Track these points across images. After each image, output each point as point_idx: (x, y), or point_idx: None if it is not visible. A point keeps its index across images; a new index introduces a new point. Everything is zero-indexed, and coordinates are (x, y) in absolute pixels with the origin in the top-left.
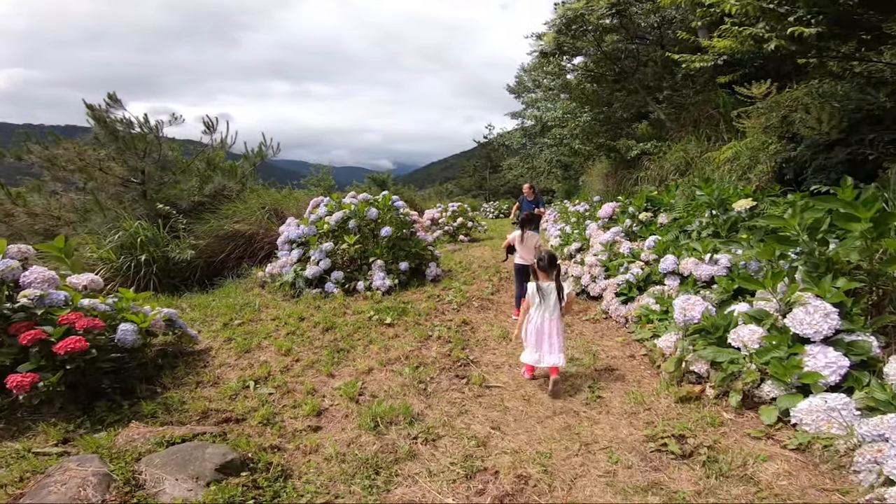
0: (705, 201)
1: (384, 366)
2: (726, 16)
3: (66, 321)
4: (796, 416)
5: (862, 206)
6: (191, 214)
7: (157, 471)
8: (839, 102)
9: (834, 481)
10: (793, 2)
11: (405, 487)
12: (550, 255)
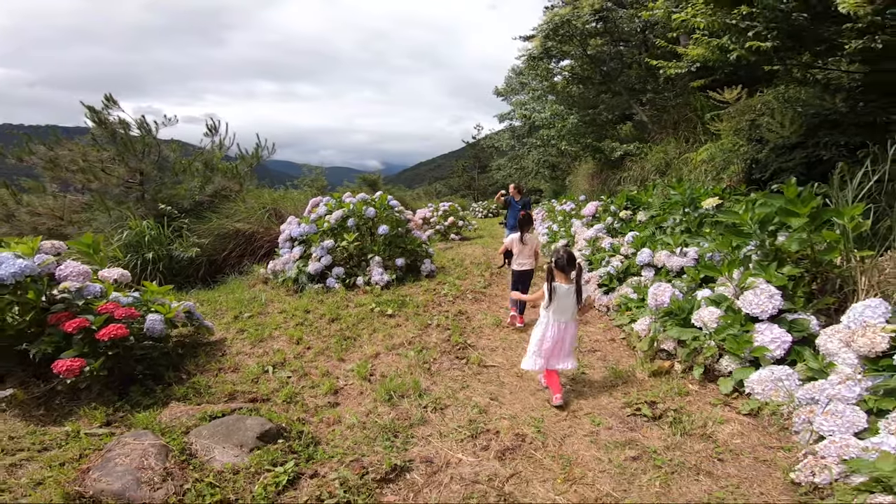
0: (678, 200)
1: (390, 350)
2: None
3: (106, 310)
4: (749, 385)
5: (801, 204)
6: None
7: (206, 441)
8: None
9: (779, 440)
10: (752, 17)
11: (421, 447)
12: (569, 252)
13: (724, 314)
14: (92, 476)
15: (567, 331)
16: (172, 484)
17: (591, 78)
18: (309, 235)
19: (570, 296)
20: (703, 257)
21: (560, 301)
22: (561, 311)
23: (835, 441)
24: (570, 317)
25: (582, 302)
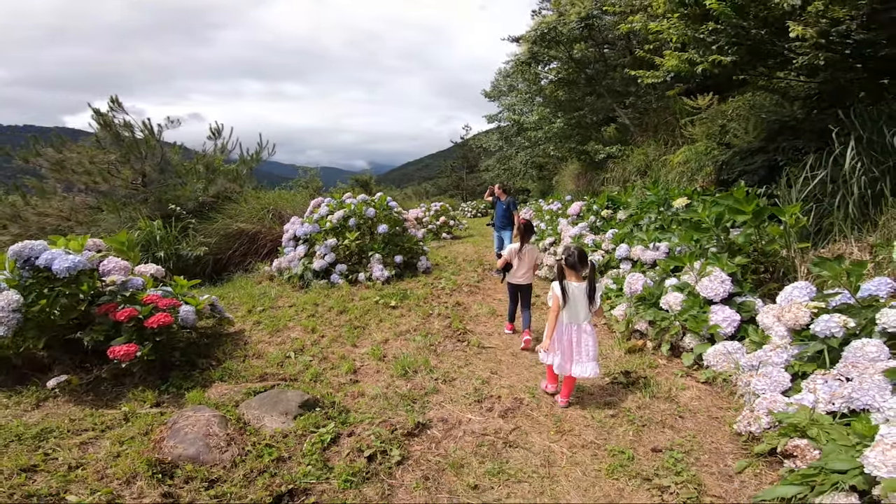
0: (653, 200)
1: (398, 336)
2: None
3: (150, 301)
4: (706, 358)
5: (745, 203)
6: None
7: (255, 411)
8: (765, 114)
9: (728, 402)
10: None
11: (436, 410)
12: (580, 250)
13: (686, 298)
14: (167, 444)
15: (583, 334)
16: (236, 447)
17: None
18: (312, 234)
19: (583, 296)
20: (673, 251)
21: (572, 301)
22: (573, 313)
23: (766, 398)
24: (583, 319)
25: (596, 303)
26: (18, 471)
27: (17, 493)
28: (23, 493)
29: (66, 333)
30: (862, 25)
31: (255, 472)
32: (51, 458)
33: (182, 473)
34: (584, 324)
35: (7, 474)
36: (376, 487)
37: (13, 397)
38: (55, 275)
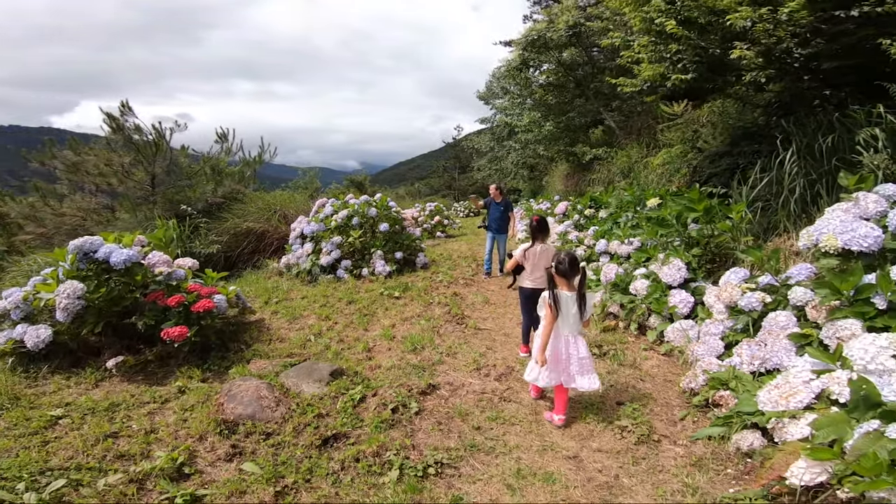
0: (630, 200)
1: (403, 322)
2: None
3: (194, 289)
4: (666, 335)
5: (698, 202)
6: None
7: (294, 379)
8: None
9: (681, 369)
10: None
11: (443, 376)
12: (571, 256)
13: (651, 284)
14: (227, 407)
15: (576, 346)
16: (283, 406)
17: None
18: (319, 233)
19: (573, 305)
20: (645, 245)
21: (563, 311)
22: (564, 323)
23: (704, 361)
24: (574, 329)
25: (587, 312)
26: (104, 437)
27: (110, 454)
28: (114, 453)
29: (118, 319)
30: (805, 42)
31: (302, 425)
32: (127, 426)
33: (243, 429)
34: (578, 336)
35: (94, 440)
36: (401, 431)
37: (72, 378)
38: (112, 266)
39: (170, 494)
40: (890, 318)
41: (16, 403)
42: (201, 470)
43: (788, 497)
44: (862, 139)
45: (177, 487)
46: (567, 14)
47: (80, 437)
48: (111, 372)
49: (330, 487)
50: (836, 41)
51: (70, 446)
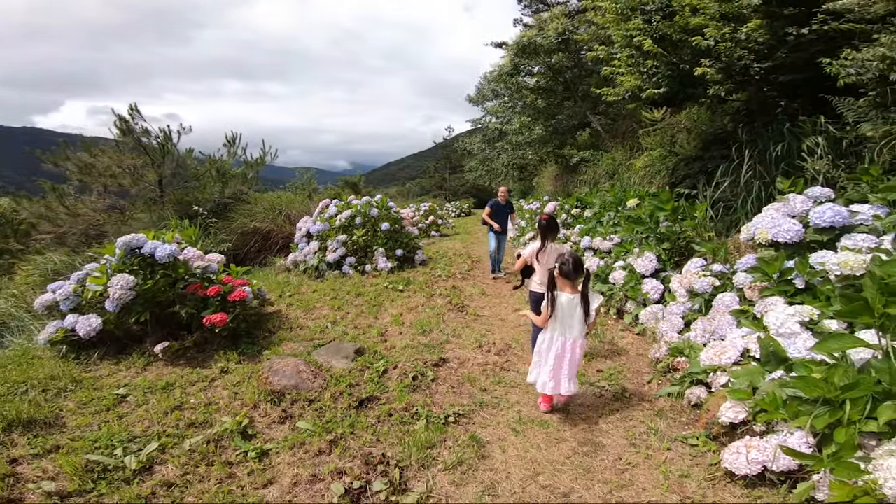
0: (612, 201)
1: (409, 311)
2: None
3: (228, 281)
4: (640, 318)
5: (666, 203)
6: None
7: (324, 357)
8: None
9: (651, 345)
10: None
11: (451, 353)
12: (575, 257)
13: (627, 274)
14: (272, 380)
15: (574, 349)
16: (320, 378)
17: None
18: (325, 232)
19: (576, 307)
20: (625, 241)
21: (564, 313)
22: (566, 326)
23: (667, 336)
24: (577, 333)
25: (591, 315)
26: (170, 409)
27: (181, 423)
28: (184, 422)
29: (160, 309)
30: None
31: (338, 392)
32: (186, 400)
33: (289, 397)
34: (579, 339)
35: (163, 413)
36: (421, 393)
37: (121, 363)
38: (156, 261)
39: (243, 449)
40: (806, 295)
41: (79, 385)
42: (261, 431)
43: (722, 433)
44: (807, 146)
45: (247, 444)
46: (556, 21)
47: (149, 410)
48: (157, 356)
49: (371, 436)
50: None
51: (144, 418)
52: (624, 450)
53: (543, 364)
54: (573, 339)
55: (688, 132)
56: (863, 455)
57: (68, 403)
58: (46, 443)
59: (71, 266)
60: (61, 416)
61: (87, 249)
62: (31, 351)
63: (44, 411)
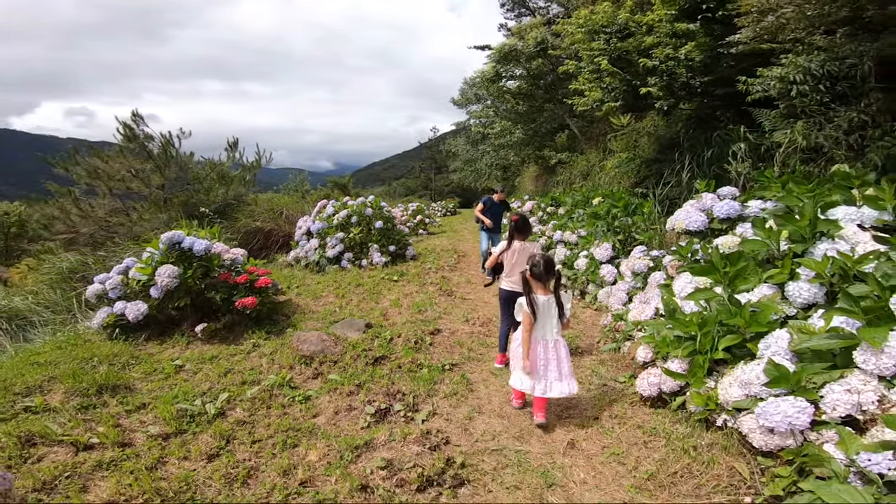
0: (581, 199)
1: (405, 297)
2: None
3: (253, 271)
4: (599, 297)
5: (619, 201)
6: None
7: (340, 330)
8: (661, 132)
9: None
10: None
11: (443, 325)
12: (547, 259)
13: (588, 261)
14: (302, 347)
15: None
16: (340, 345)
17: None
18: (324, 230)
19: (551, 308)
20: (589, 234)
21: (540, 316)
22: (543, 328)
23: (613, 308)
24: (554, 334)
25: (565, 315)
26: (224, 373)
27: (235, 382)
28: (238, 381)
29: (196, 296)
30: (704, 72)
31: (356, 354)
32: (233, 366)
33: (317, 360)
34: (556, 339)
35: (218, 376)
36: (422, 353)
37: (166, 343)
38: (194, 254)
39: (291, 396)
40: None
41: (138, 360)
42: (300, 384)
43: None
44: (732, 151)
45: (293, 392)
46: (535, 31)
47: (206, 375)
48: (196, 336)
49: (387, 381)
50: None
51: (205, 381)
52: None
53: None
54: (554, 341)
55: (648, 137)
56: (717, 375)
57: (134, 374)
58: (133, 401)
59: (85, 265)
60: (133, 383)
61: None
62: (83, 335)
63: (121, 378)
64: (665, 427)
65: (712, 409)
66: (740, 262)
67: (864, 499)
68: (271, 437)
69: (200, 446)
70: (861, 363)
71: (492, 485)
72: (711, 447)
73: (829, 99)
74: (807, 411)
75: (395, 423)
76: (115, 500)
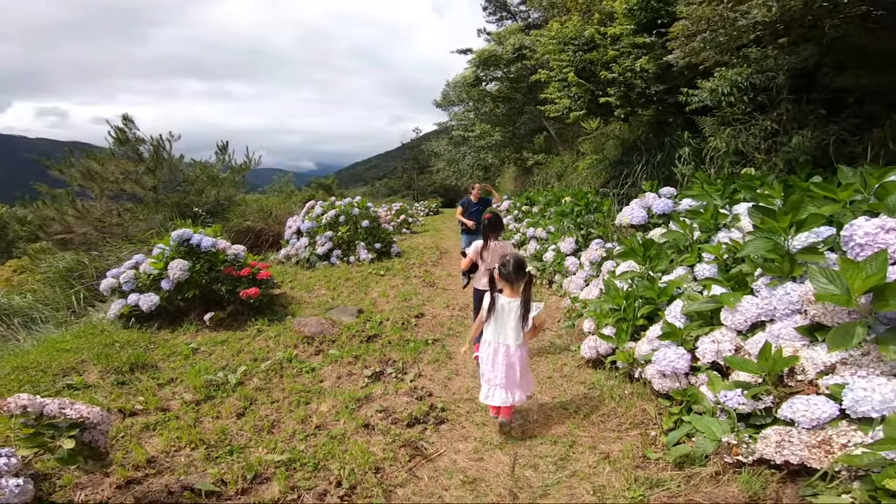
0: (552, 199)
1: (391, 288)
2: None
3: (254, 265)
4: (563, 285)
5: (580, 199)
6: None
7: (335, 315)
8: (625, 136)
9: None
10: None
11: (426, 310)
12: (517, 260)
13: (555, 254)
14: (303, 330)
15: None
16: (336, 327)
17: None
18: (313, 229)
19: (512, 312)
20: (557, 230)
21: (501, 318)
22: (503, 331)
23: (572, 292)
24: (512, 339)
25: (528, 322)
26: (236, 353)
27: (248, 359)
28: (250, 358)
29: (202, 288)
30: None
31: (351, 334)
32: (243, 347)
33: (317, 339)
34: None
35: (232, 355)
36: (409, 331)
37: (177, 330)
38: (201, 249)
39: (299, 368)
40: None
41: (155, 345)
42: (305, 359)
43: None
44: (678, 155)
45: (301, 364)
46: (513, 37)
47: (220, 354)
48: (204, 324)
49: (380, 353)
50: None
51: (221, 359)
52: (534, 354)
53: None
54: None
55: (614, 141)
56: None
57: (156, 356)
58: (162, 377)
59: (81, 264)
60: (157, 363)
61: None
62: (98, 326)
63: (147, 359)
64: (600, 381)
65: (632, 364)
66: (653, 248)
67: (723, 428)
68: (286, 397)
69: (229, 407)
70: (723, 320)
71: (465, 423)
72: (631, 395)
73: (751, 109)
74: (685, 357)
75: (388, 382)
76: (168, 449)
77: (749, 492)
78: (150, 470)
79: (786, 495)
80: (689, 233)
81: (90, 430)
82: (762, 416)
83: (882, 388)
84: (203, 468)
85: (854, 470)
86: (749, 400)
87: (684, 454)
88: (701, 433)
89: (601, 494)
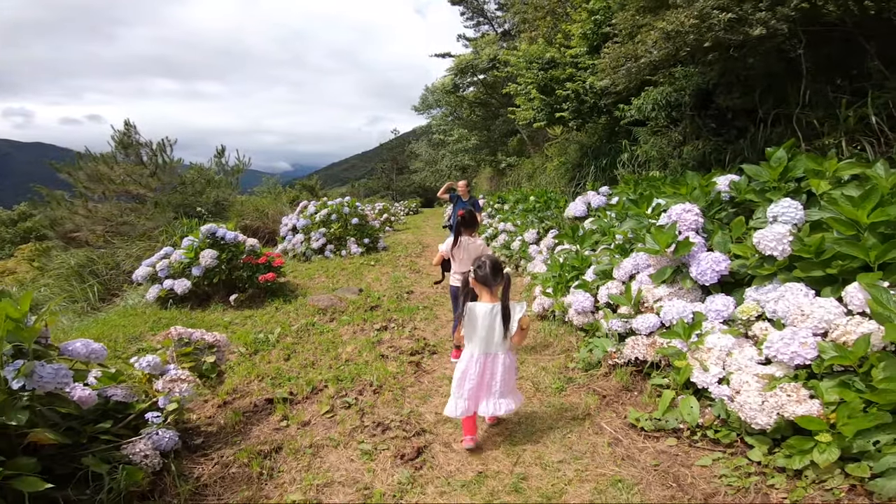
0: (520, 197)
1: (382, 275)
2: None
3: (269, 254)
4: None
5: (541, 198)
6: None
7: (341, 293)
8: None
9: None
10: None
11: (415, 289)
12: (493, 260)
13: (521, 243)
14: (317, 304)
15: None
16: (343, 302)
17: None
18: (308, 226)
19: (495, 319)
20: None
21: (479, 325)
22: (482, 339)
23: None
24: (496, 347)
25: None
26: (265, 323)
27: (278, 325)
28: (279, 325)
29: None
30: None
31: (356, 307)
32: (270, 319)
33: (330, 311)
34: (500, 354)
35: (262, 324)
36: (403, 303)
37: (206, 310)
38: (226, 241)
39: (321, 329)
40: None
41: (192, 320)
42: (324, 325)
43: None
44: (620, 160)
45: (322, 327)
46: (489, 48)
47: (253, 324)
48: (230, 304)
49: (382, 316)
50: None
51: (254, 328)
52: None
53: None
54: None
55: (575, 146)
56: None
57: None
58: None
59: (91, 260)
60: None
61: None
62: (135, 308)
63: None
64: (546, 327)
65: (564, 312)
66: (582, 233)
67: (610, 343)
68: (318, 346)
69: (277, 355)
70: (614, 274)
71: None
72: (563, 333)
73: (668, 122)
74: (589, 299)
75: (393, 332)
76: (243, 382)
77: (622, 382)
78: (236, 395)
79: (639, 382)
80: (608, 221)
81: (218, 351)
82: (629, 333)
83: (676, 306)
84: (273, 390)
85: (666, 358)
86: (623, 323)
87: (588, 362)
88: (597, 347)
89: (537, 384)
